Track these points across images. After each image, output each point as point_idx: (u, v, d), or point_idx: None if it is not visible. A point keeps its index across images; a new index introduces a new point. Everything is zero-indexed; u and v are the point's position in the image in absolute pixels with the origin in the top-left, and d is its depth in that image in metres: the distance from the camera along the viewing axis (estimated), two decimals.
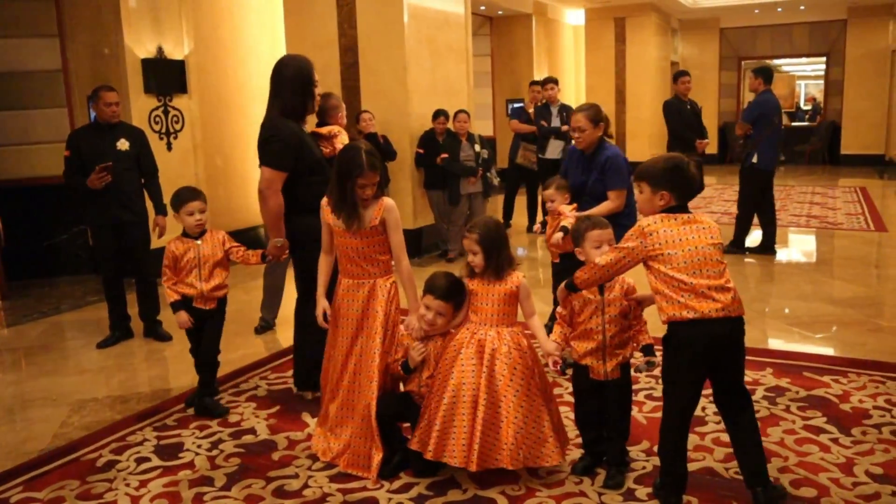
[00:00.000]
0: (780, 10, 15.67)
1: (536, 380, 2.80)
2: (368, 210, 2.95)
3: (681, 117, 7.75)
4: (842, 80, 15.85)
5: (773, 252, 6.98)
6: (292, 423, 3.49)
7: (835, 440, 3.14)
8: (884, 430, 3.24)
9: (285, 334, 4.95)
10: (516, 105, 8.29)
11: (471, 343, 2.79)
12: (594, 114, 4.01)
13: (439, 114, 7.01)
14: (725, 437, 3.15)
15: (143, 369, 4.46)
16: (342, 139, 4.36)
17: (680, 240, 2.50)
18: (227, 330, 5.17)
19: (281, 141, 3.48)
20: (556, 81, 7.96)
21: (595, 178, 4.09)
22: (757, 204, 6.99)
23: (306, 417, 3.54)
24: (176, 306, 3.57)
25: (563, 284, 2.79)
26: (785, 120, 9.73)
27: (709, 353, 2.51)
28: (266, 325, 5.11)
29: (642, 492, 2.75)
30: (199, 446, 3.27)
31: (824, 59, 16.57)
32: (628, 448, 3.04)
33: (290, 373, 4.12)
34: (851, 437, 3.17)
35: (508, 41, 13.22)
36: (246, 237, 7.99)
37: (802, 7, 15.46)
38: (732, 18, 16.72)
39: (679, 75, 7.97)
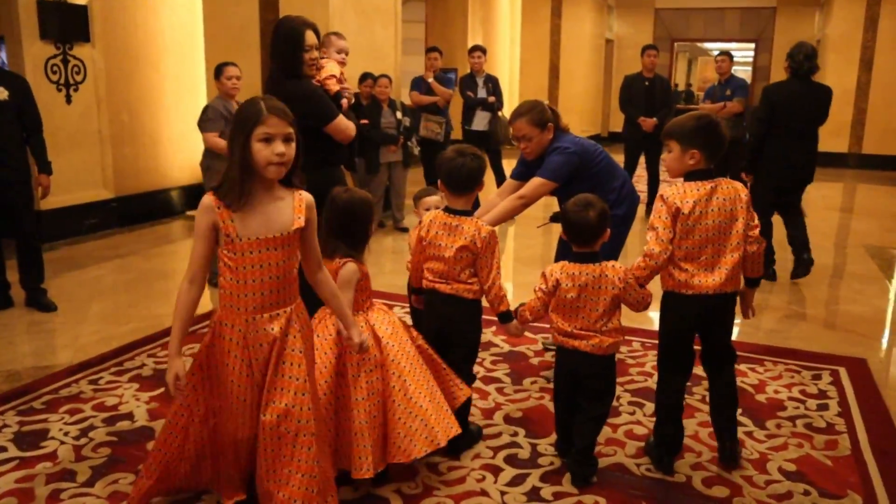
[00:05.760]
0: None
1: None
2: (285, 202, 2.13)
3: (627, 93, 7.72)
4: (769, 66, 16.13)
5: None
6: None
7: (749, 434, 3.03)
8: (798, 423, 3.15)
9: None
10: (448, 74, 7.92)
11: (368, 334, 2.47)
12: (538, 116, 3.34)
13: (366, 77, 6.68)
14: (638, 430, 3.02)
15: (21, 343, 4.04)
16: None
17: (701, 212, 2.48)
18: (120, 301, 4.83)
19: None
20: (483, 50, 7.61)
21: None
22: None
23: None
24: None
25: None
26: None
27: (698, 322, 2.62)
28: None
29: (548, 491, 2.57)
30: (65, 434, 2.92)
31: (753, 45, 16.82)
32: (537, 441, 2.88)
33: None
34: (766, 431, 3.07)
35: (443, 9, 12.84)
36: (155, 200, 7.52)
37: None
38: None
39: (644, 49, 7.82)
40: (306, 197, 2.16)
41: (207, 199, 2.06)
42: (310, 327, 2.26)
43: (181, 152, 7.70)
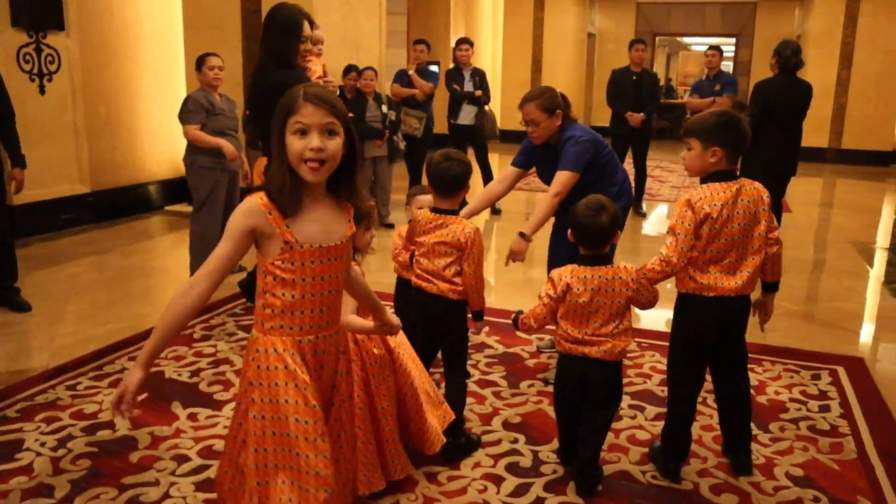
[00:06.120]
0: None
1: None
2: (335, 207, 1.84)
3: (615, 88, 7.57)
4: (749, 61, 16.17)
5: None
6: (160, 415, 3.02)
7: (754, 437, 2.94)
8: (801, 425, 3.08)
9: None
10: (430, 67, 7.77)
11: None
12: (547, 102, 3.31)
13: (350, 69, 6.54)
14: (641, 435, 2.94)
15: None
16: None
17: (728, 215, 2.41)
18: (98, 301, 4.65)
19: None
20: (469, 42, 7.48)
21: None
22: None
23: (176, 408, 3.08)
24: None
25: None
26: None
27: (717, 326, 2.53)
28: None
29: (553, 501, 2.47)
30: (42, 444, 2.76)
31: (734, 39, 16.86)
32: (538, 448, 2.78)
33: (165, 354, 3.66)
34: (770, 434, 3.00)
35: (425, 1, 12.70)
36: (133, 195, 7.31)
37: None
38: None
39: (632, 43, 7.65)
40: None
41: (256, 202, 1.71)
42: (348, 346, 2.04)
43: (160, 145, 7.50)
